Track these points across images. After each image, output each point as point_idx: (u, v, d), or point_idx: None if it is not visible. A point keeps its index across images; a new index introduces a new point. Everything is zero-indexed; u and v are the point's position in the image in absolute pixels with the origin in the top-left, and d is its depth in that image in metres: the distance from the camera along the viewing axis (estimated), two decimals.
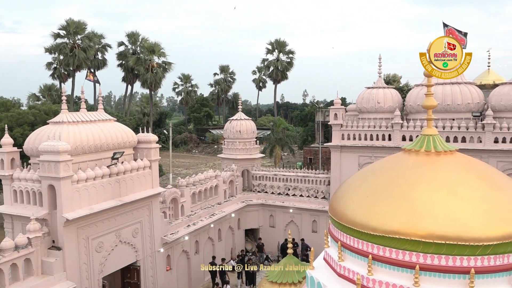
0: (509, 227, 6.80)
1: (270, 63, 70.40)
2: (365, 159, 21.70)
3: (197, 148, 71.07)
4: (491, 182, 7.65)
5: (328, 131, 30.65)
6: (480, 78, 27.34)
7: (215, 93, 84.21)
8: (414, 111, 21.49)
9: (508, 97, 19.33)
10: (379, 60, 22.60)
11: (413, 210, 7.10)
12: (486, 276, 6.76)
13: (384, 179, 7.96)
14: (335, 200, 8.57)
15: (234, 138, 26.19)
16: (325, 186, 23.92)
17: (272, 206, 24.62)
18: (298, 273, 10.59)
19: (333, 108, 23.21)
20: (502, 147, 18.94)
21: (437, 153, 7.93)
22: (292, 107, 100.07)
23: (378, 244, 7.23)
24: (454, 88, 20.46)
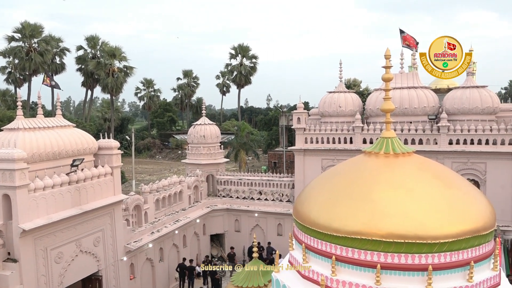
0: (463, 225, 7.11)
1: (234, 67, 70.57)
2: (328, 162, 22.10)
3: (161, 153, 69.98)
4: (446, 182, 7.97)
5: (292, 135, 31.00)
6: (435, 82, 28.55)
7: (178, 98, 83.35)
8: (374, 114, 22.11)
9: (461, 101, 20.26)
10: (340, 65, 23.14)
11: (373, 210, 7.29)
12: (443, 272, 7.03)
13: (345, 181, 8.14)
14: (298, 203, 8.68)
15: (198, 143, 26.01)
16: (289, 190, 24.15)
17: (237, 211, 24.58)
18: (264, 277, 10.62)
19: (296, 113, 23.52)
20: (456, 148, 19.81)
21: (395, 155, 8.18)
22: (256, 111, 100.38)
23: (341, 245, 7.37)
24: (411, 92, 21.23)
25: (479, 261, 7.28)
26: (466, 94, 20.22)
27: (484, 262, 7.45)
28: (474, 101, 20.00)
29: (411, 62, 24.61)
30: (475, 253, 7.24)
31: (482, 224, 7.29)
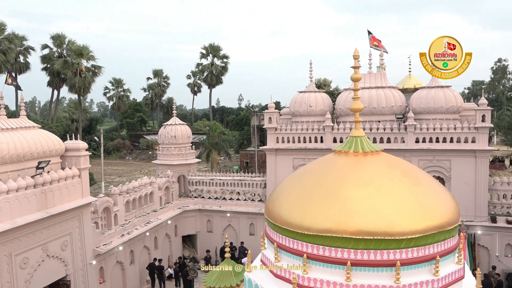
0: (429, 221, 7.32)
1: (205, 67, 70.18)
2: (299, 161, 22.30)
3: (131, 154, 68.81)
4: (413, 179, 8.19)
5: (264, 135, 31.12)
6: (402, 82, 29.25)
7: (148, 97, 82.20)
8: (343, 114, 22.47)
9: (427, 100, 20.86)
10: (310, 65, 23.40)
11: (343, 208, 7.40)
12: (411, 267, 7.21)
13: (316, 180, 8.23)
14: (270, 202, 8.72)
15: (169, 143, 25.71)
16: (261, 189, 24.23)
17: (209, 211, 24.46)
18: (236, 277, 10.61)
19: (267, 112, 23.62)
20: (422, 146, 20.38)
21: (364, 153, 8.33)
22: (228, 111, 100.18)
23: (312, 243, 7.45)
24: (379, 92, 21.69)
25: (445, 255, 7.51)
26: (432, 94, 20.84)
27: (449, 256, 7.70)
28: (439, 101, 20.63)
29: (379, 63, 25.18)
30: (441, 248, 7.46)
31: (447, 219, 7.53)
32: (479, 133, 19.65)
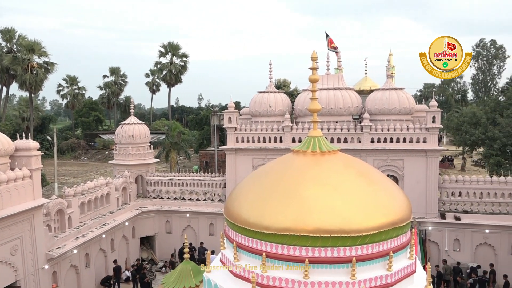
0: (383, 218, 7.59)
1: (164, 66, 69.02)
2: (259, 161, 22.44)
3: (86, 154, 66.69)
4: (368, 178, 8.46)
5: (224, 135, 31.06)
6: (358, 84, 30.11)
7: (105, 96, 79.85)
8: (302, 114, 22.83)
9: (381, 102, 21.57)
10: (270, 66, 23.60)
11: (301, 207, 7.54)
12: (366, 263, 7.45)
13: (275, 179, 8.33)
14: (229, 202, 8.73)
15: (127, 143, 25.14)
16: (221, 189, 24.18)
17: (168, 212, 24.14)
18: (195, 277, 10.53)
19: (227, 112, 23.60)
20: (377, 146, 21.07)
21: (322, 153, 8.51)
22: (188, 110, 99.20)
23: (271, 242, 7.54)
24: (336, 93, 22.21)
25: (397, 251, 7.82)
26: (386, 96, 21.57)
27: (401, 252, 8.02)
28: (393, 102, 21.39)
29: (337, 64, 25.77)
30: (394, 244, 7.76)
31: (400, 216, 7.84)
32: (429, 134, 20.55)
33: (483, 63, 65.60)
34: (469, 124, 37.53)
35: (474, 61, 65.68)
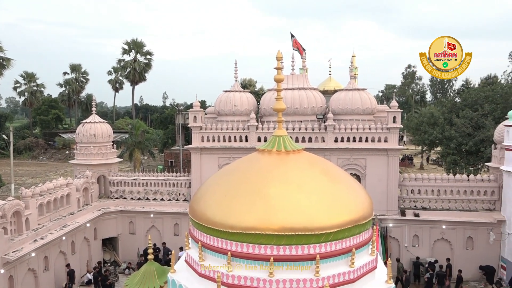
0: (346, 216, 7.78)
1: (127, 63, 67.52)
2: (225, 160, 22.38)
3: (45, 154, 64.32)
4: (332, 177, 8.65)
5: (189, 134, 30.75)
6: (323, 84, 30.62)
7: (65, 93, 77.20)
8: (267, 113, 22.96)
9: (345, 102, 22.02)
10: (235, 65, 23.60)
11: (267, 206, 7.61)
12: (329, 260, 7.62)
13: (240, 179, 8.37)
14: (195, 201, 8.69)
15: (88, 142, 24.46)
16: (186, 189, 23.96)
17: (131, 212, 23.67)
18: (159, 278, 10.39)
19: (192, 111, 23.41)
20: (340, 145, 21.49)
21: (286, 152, 8.63)
22: (152, 109, 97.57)
23: (236, 241, 7.57)
24: (301, 93, 22.48)
25: (360, 247, 8.04)
26: (349, 96, 22.04)
27: (363, 248, 8.24)
28: (355, 103, 21.88)
29: (302, 65, 26.11)
30: (356, 241, 7.97)
31: (362, 214, 8.06)
32: (390, 133, 21.17)
33: None
34: (427, 124, 38.92)
35: None
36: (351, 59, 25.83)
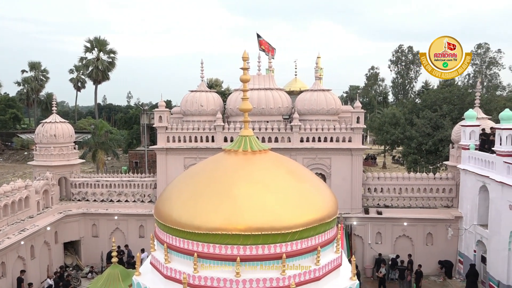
0: (312, 214, 7.89)
1: (89, 62, 65.60)
2: (191, 160, 22.20)
3: (2, 155, 61.75)
4: (297, 177, 8.75)
5: (154, 134, 30.32)
6: (289, 85, 30.88)
7: (23, 92, 74.17)
8: (234, 114, 22.96)
9: (310, 102, 22.34)
10: (201, 65, 23.48)
11: (233, 206, 7.61)
12: (295, 258, 7.70)
13: (207, 179, 8.32)
14: (160, 202, 8.58)
15: (48, 143, 23.65)
16: (151, 190, 23.60)
17: (95, 215, 23.07)
18: (124, 281, 10.19)
19: (157, 111, 23.10)
20: (306, 145, 21.78)
21: (253, 152, 8.66)
22: (116, 109, 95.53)
23: (202, 241, 7.53)
24: (267, 94, 22.62)
25: (325, 245, 8.17)
26: (314, 97, 22.38)
27: (328, 247, 8.39)
28: (320, 103, 22.23)
29: (268, 65, 26.25)
30: (322, 239, 8.10)
31: (327, 212, 8.20)
32: (354, 133, 21.65)
33: (402, 67, 70.28)
34: (389, 125, 40.07)
35: (394, 65, 70.15)
36: (317, 60, 26.20)
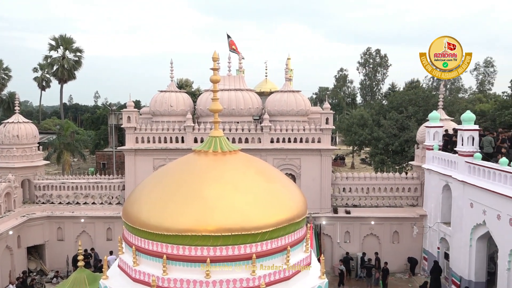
0: (282, 215, 7.95)
1: (55, 60, 63.74)
2: (160, 161, 21.93)
3: None
4: (267, 177, 8.79)
5: (122, 135, 29.78)
6: (259, 86, 31.09)
7: None
8: (204, 114, 22.86)
9: (280, 103, 22.51)
10: (171, 65, 23.25)
11: (203, 207, 7.58)
12: (265, 258, 7.73)
13: (176, 180, 8.25)
14: (128, 204, 8.44)
15: (10, 144, 22.83)
16: (119, 191, 23.17)
17: (60, 218, 22.44)
18: (91, 286, 9.97)
19: (126, 111, 22.72)
20: (276, 146, 21.94)
21: (223, 153, 8.64)
22: (83, 109, 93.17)
23: (172, 243, 7.45)
24: (237, 94, 22.65)
25: (294, 245, 8.25)
26: (284, 98, 22.57)
27: (298, 246, 8.48)
28: (290, 104, 22.44)
29: (238, 66, 26.29)
30: (291, 239, 8.18)
31: (297, 212, 8.28)
32: (323, 134, 21.98)
33: (369, 70, 71.89)
34: (357, 126, 40.89)
35: (362, 67, 71.68)
36: (287, 61, 26.46)
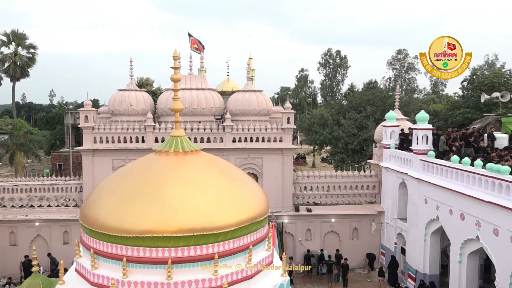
0: (243, 214, 7.98)
1: (6, 57, 60.72)
2: (120, 162, 21.41)
3: None
4: (229, 177, 8.80)
5: (80, 135, 28.85)
6: (221, 85, 30.94)
7: None
8: (165, 113, 22.52)
9: (242, 103, 22.54)
10: (131, 63, 22.75)
11: (165, 207, 7.48)
12: (228, 258, 7.75)
13: (136, 181, 8.10)
14: (86, 206, 8.20)
15: None
16: (77, 193, 22.43)
17: (12, 222, 21.43)
18: None
19: (83, 110, 22.01)
20: (238, 145, 21.95)
21: (184, 153, 8.56)
22: (37, 108, 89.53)
23: (132, 245, 7.31)
24: (199, 94, 22.47)
25: (257, 244, 8.31)
26: (246, 97, 22.61)
27: (260, 245, 8.54)
28: (252, 104, 22.52)
29: (200, 65, 26.08)
30: (253, 238, 8.22)
31: (259, 212, 8.34)
32: (285, 134, 22.20)
33: (330, 70, 73.27)
34: (318, 125, 41.53)
35: (322, 68, 72.95)
36: (248, 61, 26.51)
